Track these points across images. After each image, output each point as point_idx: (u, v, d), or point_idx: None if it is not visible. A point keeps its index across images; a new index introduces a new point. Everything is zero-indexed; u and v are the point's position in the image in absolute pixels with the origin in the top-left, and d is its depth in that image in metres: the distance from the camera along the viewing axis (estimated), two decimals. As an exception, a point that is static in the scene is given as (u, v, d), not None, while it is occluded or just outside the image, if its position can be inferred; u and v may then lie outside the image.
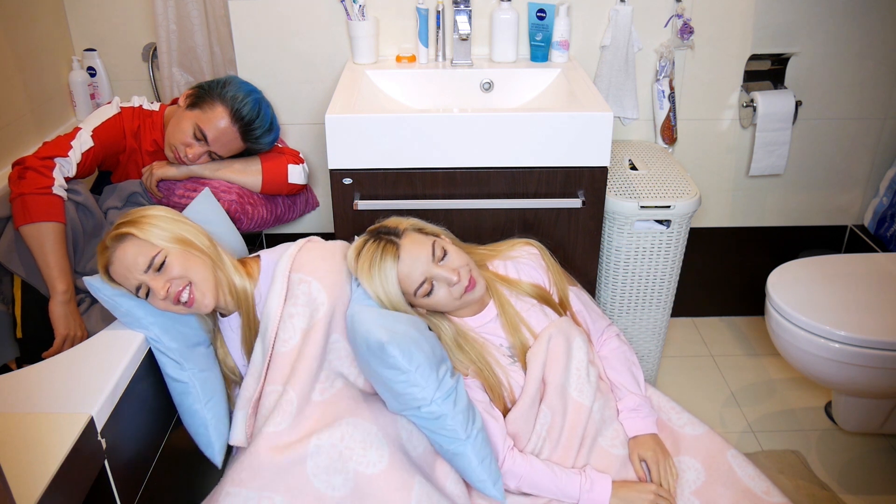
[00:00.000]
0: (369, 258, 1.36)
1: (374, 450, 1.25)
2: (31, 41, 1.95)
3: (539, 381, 1.41)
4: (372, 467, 1.24)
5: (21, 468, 1.01)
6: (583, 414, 1.39)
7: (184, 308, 1.35)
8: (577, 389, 1.41)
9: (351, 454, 1.24)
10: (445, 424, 1.27)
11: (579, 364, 1.43)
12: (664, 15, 1.98)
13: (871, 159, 2.20)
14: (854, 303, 1.63)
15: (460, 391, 1.30)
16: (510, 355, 1.44)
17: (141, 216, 1.36)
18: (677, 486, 1.35)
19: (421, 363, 1.25)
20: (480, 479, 1.29)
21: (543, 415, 1.39)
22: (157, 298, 1.32)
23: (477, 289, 1.39)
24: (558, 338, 1.43)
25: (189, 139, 1.69)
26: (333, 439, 1.25)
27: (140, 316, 1.35)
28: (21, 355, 1.54)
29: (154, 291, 1.32)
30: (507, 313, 1.46)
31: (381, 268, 1.35)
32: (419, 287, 1.36)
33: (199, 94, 1.71)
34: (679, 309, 2.34)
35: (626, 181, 1.88)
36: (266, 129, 1.76)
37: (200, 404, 1.37)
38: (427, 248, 1.37)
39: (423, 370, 1.25)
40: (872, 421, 1.80)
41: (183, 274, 1.33)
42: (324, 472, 1.22)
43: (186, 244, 1.37)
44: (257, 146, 1.78)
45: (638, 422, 1.43)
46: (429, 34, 1.94)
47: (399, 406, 1.30)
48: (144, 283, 1.32)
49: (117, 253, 1.32)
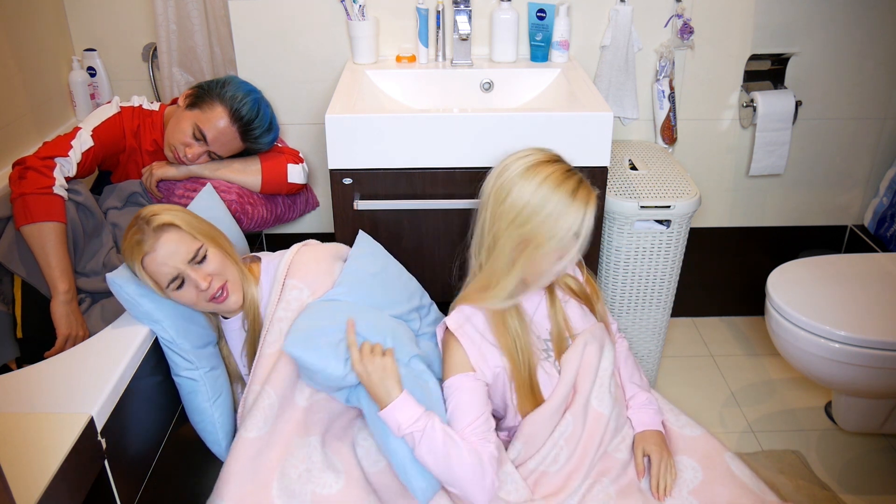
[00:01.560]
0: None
1: (330, 471, 1.28)
2: (31, 41, 1.95)
3: (570, 386, 1.37)
4: (328, 488, 1.27)
5: (21, 468, 1.01)
6: (601, 423, 1.37)
7: (212, 304, 1.36)
8: (597, 398, 1.38)
9: (310, 476, 1.27)
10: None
11: (604, 374, 1.40)
12: (664, 15, 1.98)
13: (871, 159, 2.20)
14: (854, 303, 1.63)
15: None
16: (545, 349, 1.40)
17: (172, 209, 1.38)
18: (675, 485, 1.35)
19: (322, 351, 1.27)
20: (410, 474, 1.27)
21: (566, 423, 1.36)
22: (193, 289, 1.34)
23: None
24: (593, 345, 1.40)
25: (188, 139, 1.69)
26: (297, 460, 1.29)
27: (159, 318, 1.36)
28: (21, 355, 1.54)
29: (194, 282, 1.33)
30: (555, 303, 1.41)
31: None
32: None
33: (199, 94, 1.71)
34: (679, 309, 2.34)
35: (626, 181, 1.88)
36: (265, 128, 1.76)
37: (209, 402, 1.39)
38: None
39: (326, 355, 1.27)
40: (872, 421, 1.80)
41: (220, 271, 1.37)
42: (285, 495, 1.25)
43: (217, 243, 1.40)
44: (257, 146, 1.78)
45: (645, 416, 1.43)
46: (429, 34, 1.94)
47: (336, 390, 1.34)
48: (183, 274, 1.33)
49: (162, 240, 1.32)
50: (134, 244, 1.33)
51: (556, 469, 1.35)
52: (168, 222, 1.34)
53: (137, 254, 1.32)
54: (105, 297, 1.62)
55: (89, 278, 1.62)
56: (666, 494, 1.33)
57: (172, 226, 1.34)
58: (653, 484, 1.35)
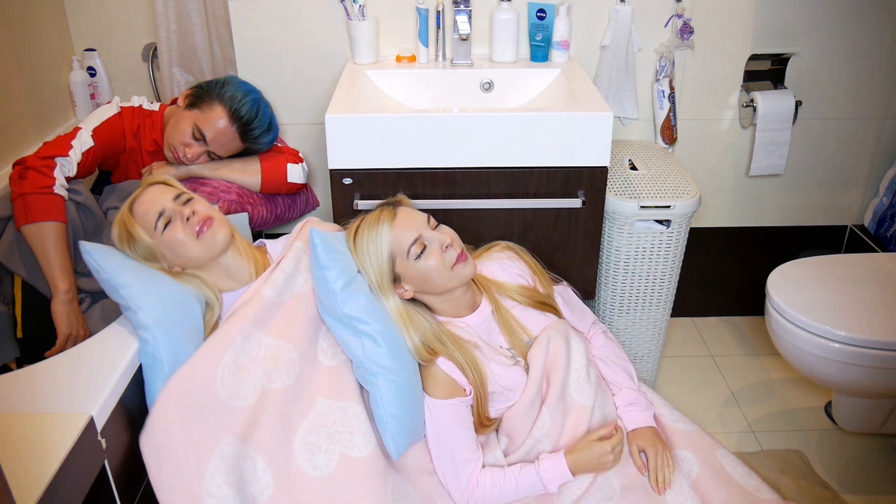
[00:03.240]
0: (367, 224, 1.38)
1: (360, 435, 1.30)
2: (31, 41, 1.95)
3: (540, 381, 1.41)
4: (357, 451, 1.28)
5: (21, 468, 1.01)
6: (585, 414, 1.39)
7: (202, 244, 1.35)
8: (577, 390, 1.41)
9: (339, 437, 1.29)
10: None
11: (578, 364, 1.43)
12: (664, 15, 1.98)
13: (871, 159, 2.20)
14: (854, 303, 1.63)
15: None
16: (511, 356, 1.44)
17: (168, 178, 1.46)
18: (675, 477, 1.35)
19: (338, 262, 1.34)
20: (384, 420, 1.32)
21: (543, 418, 1.39)
22: (179, 224, 1.34)
23: (468, 265, 1.37)
24: (557, 339, 1.43)
25: (188, 139, 1.69)
26: (326, 420, 1.30)
27: (137, 293, 1.31)
28: (21, 355, 1.54)
29: (179, 213, 1.35)
30: (502, 314, 1.46)
31: (376, 229, 1.36)
32: (412, 245, 1.34)
33: (198, 95, 1.71)
34: (679, 309, 2.34)
35: (626, 181, 1.88)
36: (265, 128, 1.76)
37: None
38: (423, 216, 1.39)
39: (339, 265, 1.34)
40: (872, 421, 1.80)
41: (206, 211, 1.39)
42: (308, 451, 1.27)
43: (204, 201, 1.45)
44: (256, 146, 1.78)
45: (635, 415, 1.44)
46: (429, 34, 1.94)
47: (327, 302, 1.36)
48: (169, 209, 1.35)
49: (151, 188, 1.39)
50: (125, 197, 1.39)
51: None
52: (161, 181, 1.41)
53: (127, 205, 1.37)
54: (105, 297, 1.62)
55: (89, 278, 1.62)
56: (666, 487, 1.33)
57: (164, 183, 1.41)
58: (651, 478, 1.35)
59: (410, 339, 1.36)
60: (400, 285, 1.39)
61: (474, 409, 1.39)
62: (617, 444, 1.35)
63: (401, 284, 1.39)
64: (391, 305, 1.38)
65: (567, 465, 1.33)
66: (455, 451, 1.35)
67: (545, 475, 1.33)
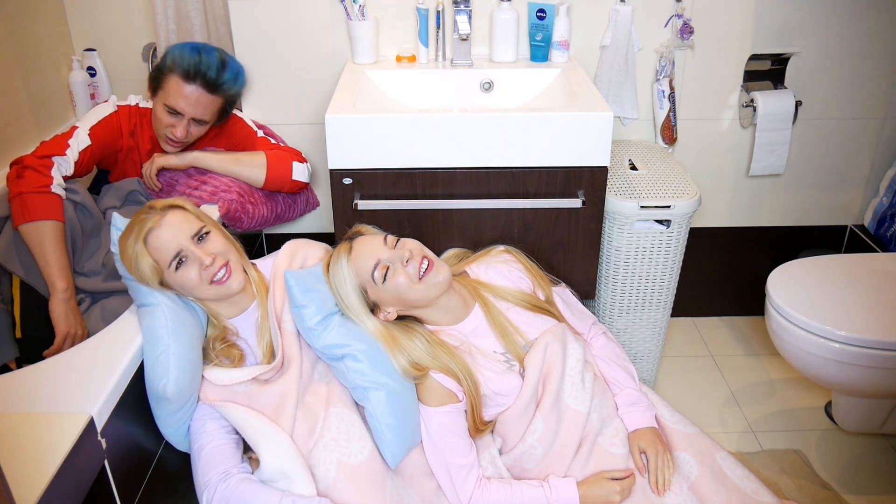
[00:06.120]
0: (332, 264, 1.41)
1: (356, 441, 1.32)
2: (31, 41, 1.95)
3: (535, 387, 1.41)
4: (353, 458, 1.30)
5: (21, 468, 1.01)
6: (579, 421, 1.39)
7: (214, 288, 1.35)
8: (571, 397, 1.40)
9: (335, 445, 1.30)
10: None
11: (573, 371, 1.42)
12: (664, 15, 1.98)
13: (871, 159, 2.20)
14: (854, 303, 1.63)
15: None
16: (505, 361, 1.44)
17: (180, 198, 1.42)
18: (675, 479, 1.35)
19: (314, 300, 1.37)
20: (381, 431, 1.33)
21: (535, 424, 1.39)
22: (195, 268, 1.33)
23: (439, 271, 1.37)
24: (555, 345, 1.43)
25: (168, 120, 1.70)
26: (323, 430, 1.32)
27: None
28: (20, 355, 1.53)
29: (198, 258, 1.33)
30: (495, 318, 1.45)
31: (338, 267, 1.39)
32: (373, 271, 1.35)
33: (154, 78, 1.72)
34: (679, 309, 2.34)
35: (626, 181, 1.88)
36: (218, 67, 1.72)
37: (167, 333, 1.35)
38: (379, 239, 1.40)
39: (315, 305, 1.37)
40: (872, 421, 1.80)
41: (223, 251, 1.37)
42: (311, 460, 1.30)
43: (220, 230, 1.42)
44: (230, 89, 1.76)
45: (637, 416, 1.44)
46: (429, 34, 1.94)
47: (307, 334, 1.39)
48: (186, 250, 1.33)
49: (167, 218, 1.34)
50: (137, 224, 1.33)
51: (533, 465, 1.39)
52: (175, 204, 1.38)
53: (140, 233, 1.32)
54: (105, 297, 1.62)
55: (88, 278, 1.62)
56: (665, 489, 1.33)
57: (179, 207, 1.37)
58: (651, 480, 1.35)
59: (397, 362, 1.37)
60: (381, 310, 1.41)
61: (468, 414, 1.39)
62: (627, 486, 1.35)
63: (381, 309, 1.41)
64: (373, 330, 1.39)
65: (578, 495, 1.33)
66: (448, 457, 1.35)
67: (555, 500, 1.33)
